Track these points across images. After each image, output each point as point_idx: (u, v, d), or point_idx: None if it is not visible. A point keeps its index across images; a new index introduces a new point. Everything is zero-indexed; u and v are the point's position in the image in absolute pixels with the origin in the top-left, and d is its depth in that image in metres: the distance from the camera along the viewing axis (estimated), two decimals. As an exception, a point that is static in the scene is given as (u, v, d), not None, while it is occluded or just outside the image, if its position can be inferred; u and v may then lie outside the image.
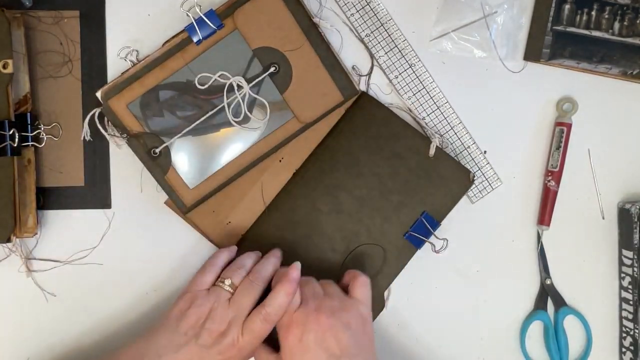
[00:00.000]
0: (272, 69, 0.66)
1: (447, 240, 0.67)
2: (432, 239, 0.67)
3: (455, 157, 0.68)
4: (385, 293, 0.68)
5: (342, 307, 0.59)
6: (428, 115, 0.69)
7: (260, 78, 0.65)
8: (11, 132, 0.63)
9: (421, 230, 0.67)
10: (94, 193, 0.69)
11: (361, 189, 0.67)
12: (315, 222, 0.68)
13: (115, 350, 0.61)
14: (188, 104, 0.66)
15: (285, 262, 0.67)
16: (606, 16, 0.67)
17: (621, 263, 0.70)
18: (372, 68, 0.69)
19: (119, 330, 0.69)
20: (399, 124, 0.67)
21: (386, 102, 0.68)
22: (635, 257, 0.67)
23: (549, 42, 0.68)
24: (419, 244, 0.67)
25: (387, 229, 0.67)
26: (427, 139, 0.67)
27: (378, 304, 0.68)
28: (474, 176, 0.68)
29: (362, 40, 0.68)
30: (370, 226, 0.67)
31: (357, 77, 0.69)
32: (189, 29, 0.64)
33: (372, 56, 0.68)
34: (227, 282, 0.61)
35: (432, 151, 0.67)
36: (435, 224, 0.67)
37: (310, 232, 0.68)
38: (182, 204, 0.67)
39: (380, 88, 0.69)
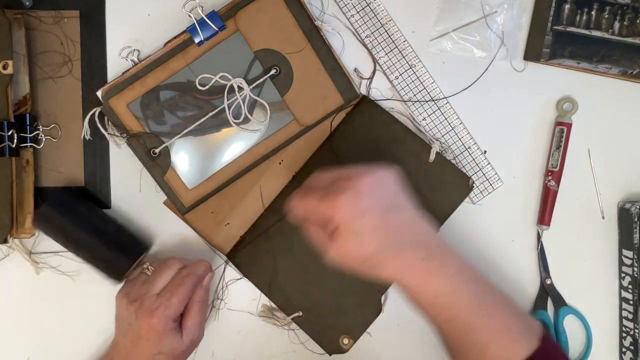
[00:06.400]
0: (273, 71, 0.65)
1: None
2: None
3: (456, 159, 0.68)
4: (382, 297, 0.68)
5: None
6: (429, 115, 0.69)
7: (261, 80, 0.65)
8: (10, 132, 0.63)
9: (419, 236, 0.67)
10: (94, 193, 0.69)
11: None
12: None
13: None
14: (188, 104, 0.66)
15: (283, 264, 0.67)
16: (606, 16, 0.68)
17: (621, 263, 0.70)
18: (374, 72, 0.69)
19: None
20: (399, 129, 0.67)
21: (387, 107, 0.68)
22: (635, 257, 0.67)
23: (549, 42, 0.68)
24: (416, 250, 0.67)
25: None
26: (427, 144, 0.67)
27: (375, 309, 0.68)
28: (473, 183, 0.68)
29: (363, 43, 0.68)
30: None
31: (358, 80, 0.69)
32: (191, 29, 0.64)
33: (374, 60, 0.68)
34: (147, 265, 0.65)
35: (432, 157, 0.67)
36: (433, 231, 0.67)
37: None
38: (180, 205, 0.67)
39: (381, 92, 0.69)
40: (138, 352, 0.61)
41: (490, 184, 0.70)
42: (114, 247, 0.65)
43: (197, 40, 0.64)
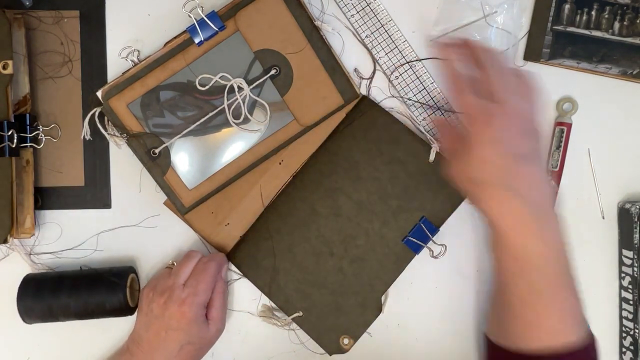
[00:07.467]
0: (273, 72, 0.65)
1: (446, 246, 0.68)
2: (430, 244, 0.67)
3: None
4: (382, 297, 0.68)
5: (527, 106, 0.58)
6: (429, 115, 0.69)
7: (261, 80, 0.65)
8: (10, 132, 0.63)
9: (419, 235, 0.67)
10: (94, 193, 0.69)
11: (360, 193, 0.67)
12: (314, 225, 0.68)
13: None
14: (188, 104, 0.66)
15: (283, 264, 0.67)
16: (606, 16, 0.68)
17: (621, 263, 0.70)
18: (374, 72, 0.69)
19: (118, 331, 0.69)
20: (399, 129, 0.67)
21: (387, 107, 0.68)
22: (635, 257, 0.67)
23: (549, 42, 0.68)
24: (417, 249, 0.67)
25: (386, 233, 0.67)
26: (427, 144, 0.67)
27: (375, 309, 0.68)
28: None
29: (363, 43, 0.68)
30: (368, 230, 0.67)
31: (358, 81, 0.69)
32: (191, 30, 0.64)
33: (374, 60, 0.68)
34: (172, 261, 0.68)
35: (432, 156, 0.67)
36: (434, 230, 0.67)
37: (309, 235, 0.68)
38: (180, 205, 0.67)
39: (381, 91, 0.69)
40: (165, 343, 0.62)
41: (491, 184, 0.69)
42: (103, 292, 0.65)
43: (197, 40, 0.64)
